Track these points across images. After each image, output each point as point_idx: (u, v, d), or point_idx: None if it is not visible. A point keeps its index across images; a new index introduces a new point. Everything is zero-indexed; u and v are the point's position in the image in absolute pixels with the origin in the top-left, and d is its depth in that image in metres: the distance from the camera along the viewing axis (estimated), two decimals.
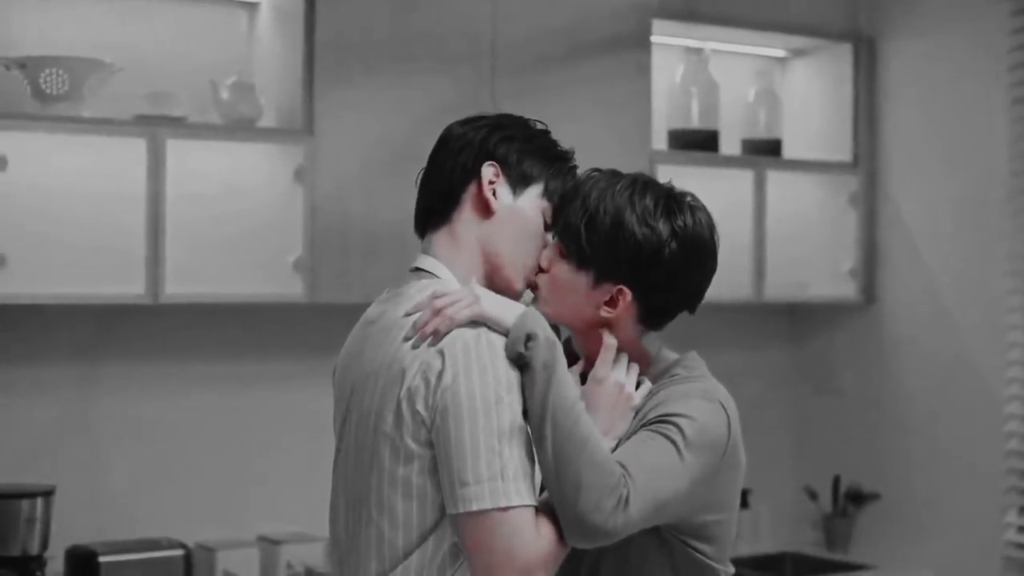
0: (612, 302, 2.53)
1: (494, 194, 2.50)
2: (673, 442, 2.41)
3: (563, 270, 2.55)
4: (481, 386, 2.29)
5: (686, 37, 5.27)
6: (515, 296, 2.53)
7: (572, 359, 2.61)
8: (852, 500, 5.48)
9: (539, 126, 2.60)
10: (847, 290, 5.49)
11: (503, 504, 2.26)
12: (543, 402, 2.32)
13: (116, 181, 4.06)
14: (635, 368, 2.56)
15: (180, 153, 4.10)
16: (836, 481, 5.51)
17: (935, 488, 5.26)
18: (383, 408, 2.35)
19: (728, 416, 2.51)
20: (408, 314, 2.39)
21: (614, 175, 2.58)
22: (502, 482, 2.27)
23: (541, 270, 2.58)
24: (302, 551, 4.43)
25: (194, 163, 4.15)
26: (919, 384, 5.34)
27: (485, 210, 2.50)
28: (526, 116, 2.62)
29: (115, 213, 4.06)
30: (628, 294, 2.52)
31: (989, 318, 5.11)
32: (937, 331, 5.28)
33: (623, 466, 2.35)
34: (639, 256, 2.50)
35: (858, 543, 5.50)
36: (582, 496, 2.31)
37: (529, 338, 2.33)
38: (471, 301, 2.35)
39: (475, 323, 2.35)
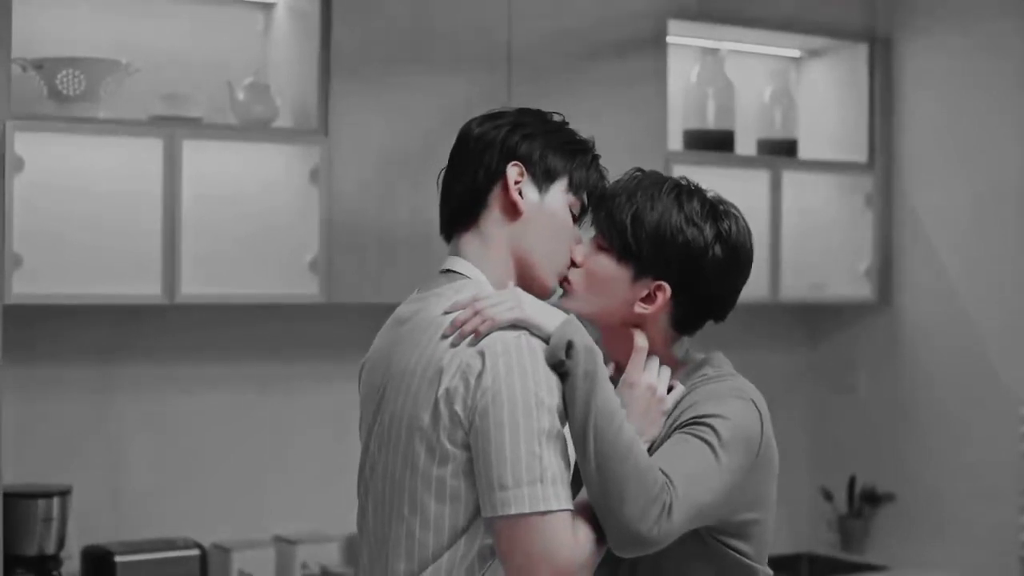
0: (649, 298, 2.55)
1: (520, 194, 2.48)
2: (709, 444, 2.42)
3: (602, 263, 2.56)
4: (522, 389, 2.27)
5: (702, 38, 5.27)
6: (547, 294, 2.53)
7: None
8: (867, 501, 5.47)
9: (556, 118, 2.58)
10: (863, 290, 5.48)
11: (542, 508, 2.25)
12: (585, 411, 2.32)
13: (132, 182, 4.07)
14: (666, 371, 2.56)
15: (196, 154, 4.11)
16: (852, 482, 5.51)
17: (951, 489, 5.25)
18: (419, 408, 2.33)
19: (760, 414, 2.52)
20: (447, 312, 2.37)
21: (659, 176, 2.61)
22: (541, 486, 2.25)
23: (574, 265, 2.58)
24: (318, 551, 4.44)
25: (210, 164, 4.16)
26: (935, 384, 5.33)
27: (513, 211, 2.48)
28: None
29: (131, 213, 4.07)
30: (667, 290, 2.53)
31: (1006, 318, 5.10)
32: (953, 331, 5.27)
33: (664, 473, 2.35)
34: (686, 254, 2.53)
35: (874, 544, 5.49)
36: (627, 505, 2.30)
37: (570, 346, 2.32)
38: (513, 304, 2.34)
39: (515, 326, 2.33)
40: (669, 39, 4.92)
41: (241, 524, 4.51)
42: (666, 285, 2.53)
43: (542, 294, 2.51)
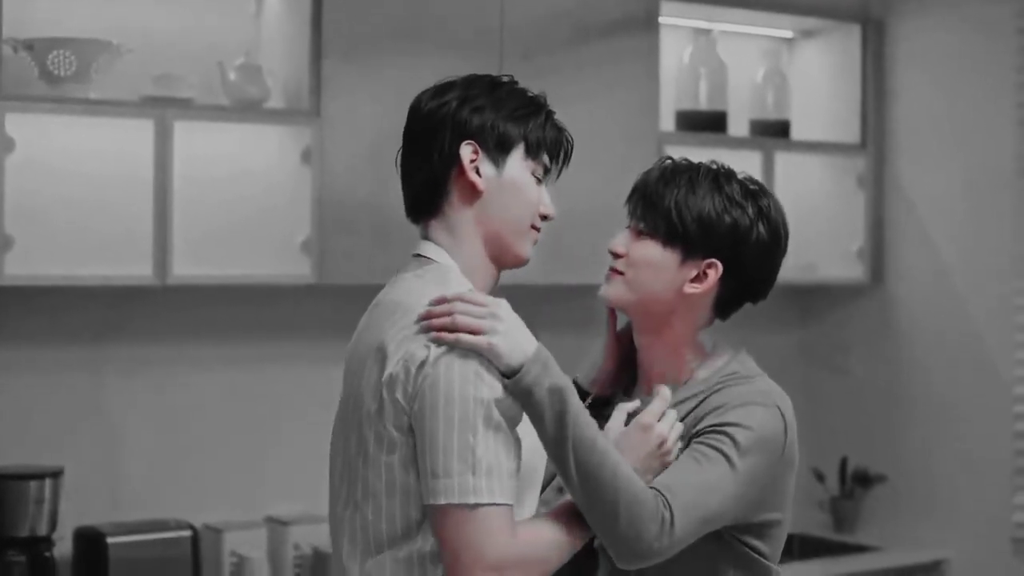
0: (699, 278, 2.57)
1: (477, 172, 2.45)
2: (725, 454, 2.44)
3: (648, 249, 2.58)
4: (461, 378, 2.25)
5: (694, 18, 5.26)
6: (522, 263, 2.52)
7: (628, 373, 2.70)
8: (859, 482, 5.48)
9: (505, 79, 2.53)
10: (855, 271, 5.48)
11: (471, 500, 2.22)
12: (562, 448, 2.31)
13: (124, 163, 4.06)
14: (679, 427, 2.53)
15: (187, 134, 4.10)
16: (843, 463, 5.51)
17: (943, 470, 5.26)
18: (368, 393, 2.33)
19: (784, 419, 2.56)
20: (435, 302, 2.32)
21: (689, 162, 2.63)
22: (473, 477, 2.22)
23: (615, 255, 2.61)
24: (310, 532, 4.44)
25: (201, 144, 4.15)
26: (927, 365, 5.33)
27: (472, 191, 2.45)
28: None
29: (123, 194, 4.06)
30: (720, 267, 2.57)
31: (998, 299, 5.10)
32: (945, 312, 5.27)
33: (669, 488, 2.38)
34: (734, 236, 2.56)
35: (865, 525, 5.50)
36: (620, 526, 2.33)
37: (528, 395, 2.29)
38: (488, 327, 2.29)
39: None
40: (661, 19, 4.91)
41: (233, 505, 4.51)
42: (718, 263, 2.56)
43: (516, 263, 2.51)
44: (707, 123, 5.14)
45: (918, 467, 5.35)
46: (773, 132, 5.35)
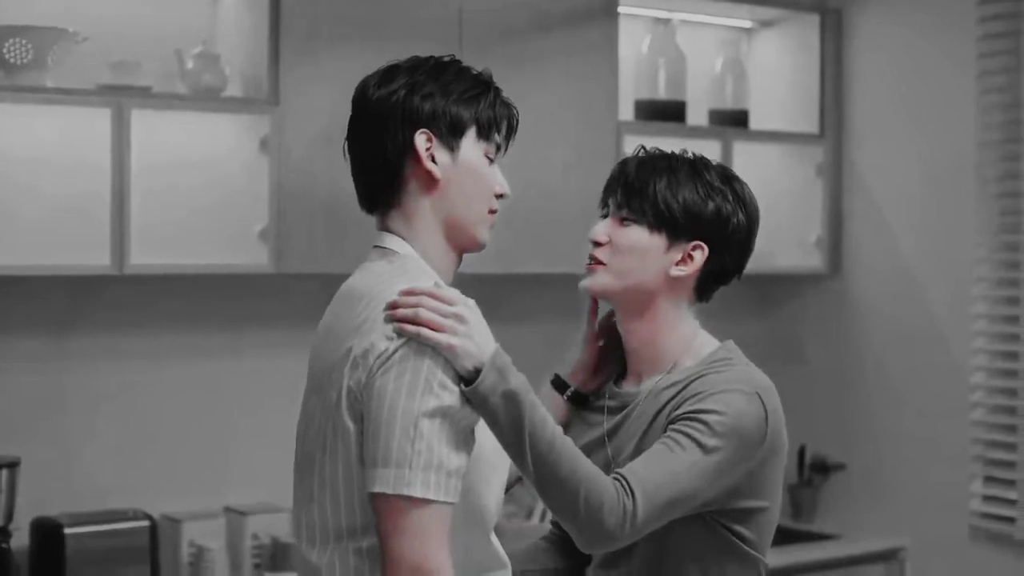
0: (684, 260, 2.64)
1: (433, 160, 2.43)
2: (696, 440, 2.46)
3: (634, 235, 2.64)
4: (413, 373, 2.24)
5: (653, 8, 5.26)
6: (477, 247, 2.51)
7: (614, 362, 2.75)
8: (817, 470, 5.50)
9: (447, 59, 2.52)
10: (813, 260, 5.50)
11: (405, 492, 2.21)
12: (519, 451, 2.33)
13: (81, 151, 4.04)
14: None
15: (145, 123, 4.08)
16: (802, 451, 5.53)
17: (901, 458, 5.28)
18: (329, 383, 2.32)
19: (765, 407, 2.56)
20: (407, 293, 2.30)
21: (663, 151, 2.72)
22: (408, 470, 2.21)
23: (597, 244, 2.65)
24: (268, 522, 4.43)
25: (159, 133, 4.13)
26: (885, 354, 5.36)
27: (429, 180, 2.44)
28: None
29: (80, 183, 4.04)
30: (705, 248, 2.64)
31: (955, 288, 5.12)
32: (903, 301, 5.29)
33: (635, 473, 2.41)
34: (717, 221, 2.65)
35: (823, 513, 5.52)
36: (582, 520, 2.36)
37: (484, 403, 2.29)
38: (450, 327, 2.28)
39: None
40: (620, 9, 4.91)
41: (191, 495, 4.49)
42: (704, 244, 2.64)
43: (475, 247, 2.50)
44: (666, 112, 5.14)
45: (876, 455, 5.37)
46: (732, 122, 5.36)
